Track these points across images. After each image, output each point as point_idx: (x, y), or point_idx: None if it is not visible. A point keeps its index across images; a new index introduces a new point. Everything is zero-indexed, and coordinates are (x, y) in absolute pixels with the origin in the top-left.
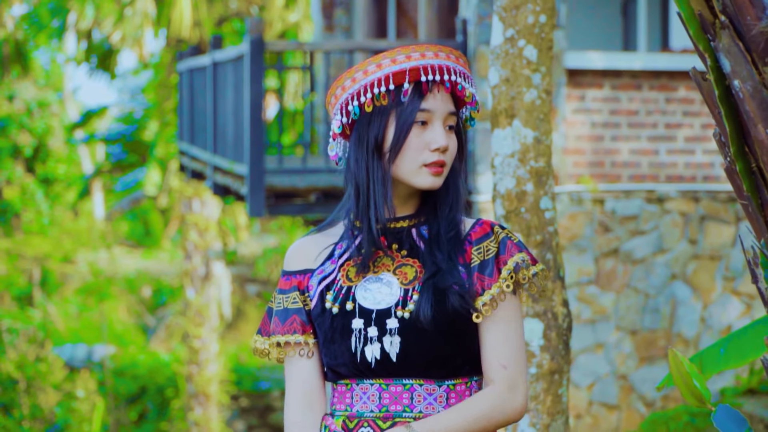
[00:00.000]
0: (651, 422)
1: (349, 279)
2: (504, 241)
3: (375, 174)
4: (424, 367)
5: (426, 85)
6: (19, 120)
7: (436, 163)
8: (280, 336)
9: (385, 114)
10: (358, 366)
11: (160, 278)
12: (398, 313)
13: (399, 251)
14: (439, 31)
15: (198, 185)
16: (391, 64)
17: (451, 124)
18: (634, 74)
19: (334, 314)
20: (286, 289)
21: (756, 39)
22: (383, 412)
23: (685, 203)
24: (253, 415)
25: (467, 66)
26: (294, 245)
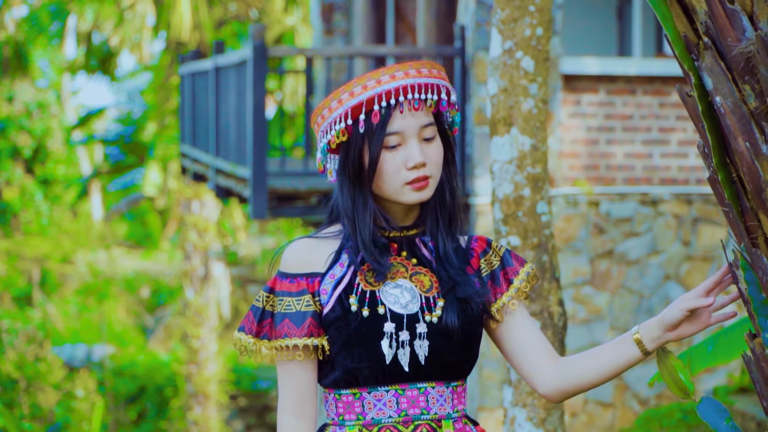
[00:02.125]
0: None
1: (370, 283)
2: (507, 254)
3: (357, 200)
4: (443, 370)
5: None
6: (18, 121)
7: (416, 180)
8: (297, 339)
9: (359, 141)
10: (387, 369)
11: (159, 279)
12: (426, 318)
13: (409, 259)
14: (437, 36)
15: (197, 186)
16: (349, 98)
17: (429, 135)
18: (629, 79)
19: (363, 317)
20: (294, 291)
21: (736, 59)
22: (402, 417)
23: (678, 205)
24: (252, 414)
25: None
26: (294, 248)
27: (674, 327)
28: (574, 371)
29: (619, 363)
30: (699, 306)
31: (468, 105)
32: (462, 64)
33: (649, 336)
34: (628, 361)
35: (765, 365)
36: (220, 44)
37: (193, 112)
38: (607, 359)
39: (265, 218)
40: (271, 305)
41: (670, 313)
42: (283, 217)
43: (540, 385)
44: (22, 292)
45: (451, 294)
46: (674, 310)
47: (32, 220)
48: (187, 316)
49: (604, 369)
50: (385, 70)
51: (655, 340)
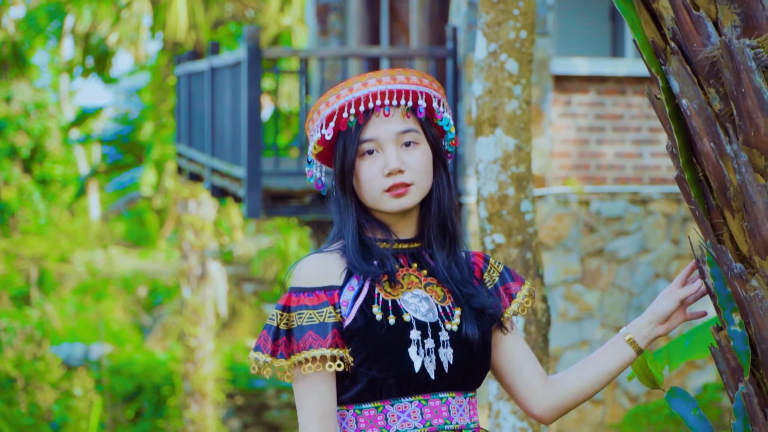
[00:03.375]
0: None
1: (389, 293)
2: (506, 270)
3: (343, 208)
4: (464, 379)
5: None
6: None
7: (394, 187)
8: (324, 350)
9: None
10: (413, 378)
11: (156, 278)
12: (447, 326)
13: (419, 270)
14: (430, 37)
15: (194, 186)
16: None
17: (409, 140)
18: (619, 80)
19: (390, 325)
20: (315, 304)
21: (701, 63)
22: (428, 427)
23: (667, 204)
24: (248, 413)
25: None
26: (307, 263)
27: (666, 319)
28: (567, 387)
29: (614, 367)
30: (689, 294)
31: (460, 105)
32: (454, 64)
33: (640, 334)
34: (623, 364)
35: (730, 357)
36: (215, 45)
37: (189, 112)
38: (601, 366)
39: (260, 217)
40: (285, 323)
41: (662, 307)
42: (278, 216)
43: (534, 406)
44: (20, 292)
45: (467, 305)
46: (666, 302)
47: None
48: (184, 315)
49: (599, 376)
50: (358, 77)
51: (646, 337)
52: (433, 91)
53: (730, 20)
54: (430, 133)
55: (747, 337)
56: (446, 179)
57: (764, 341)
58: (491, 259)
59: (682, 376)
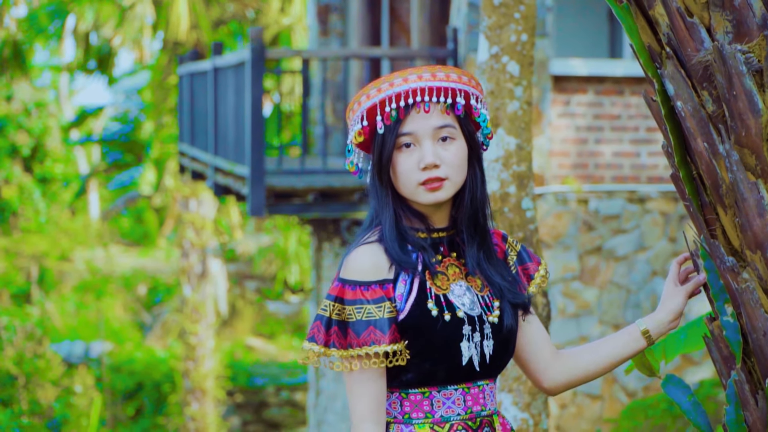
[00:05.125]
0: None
1: (439, 287)
2: (523, 250)
3: (380, 197)
4: (498, 367)
5: (403, 110)
6: (17, 120)
7: (429, 180)
8: (385, 346)
9: (377, 141)
10: (462, 369)
11: (156, 276)
12: (489, 318)
13: (458, 260)
14: (430, 38)
15: (195, 185)
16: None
17: (446, 135)
18: (617, 80)
19: (446, 321)
20: (375, 299)
21: (695, 67)
22: (469, 414)
23: (665, 203)
24: (248, 410)
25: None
26: (360, 256)
27: (679, 315)
28: (576, 365)
29: (624, 353)
30: (695, 287)
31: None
32: (455, 65)
33: (657, 330)
34: (633, 352)
35: (723, 346)
36: (218, 45)
37: (192, 111)
38: (612, 350)
39: (263, 215)
40: (337, 314)
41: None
42: (280, 214)
43: (544, 381)
44: (21, 290)
45: (503, 298)
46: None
47: (30, 218)
48: (184, 312)
49: (609, 359)
50: (400, 73)
51: (661, 332)
52: (471, 88)
53: (723, 26)
54: (466, 128)
55: (739, 327)
56: (480, 174)
57: (755, 331)
58: (509, 238)
59: (679, 372)
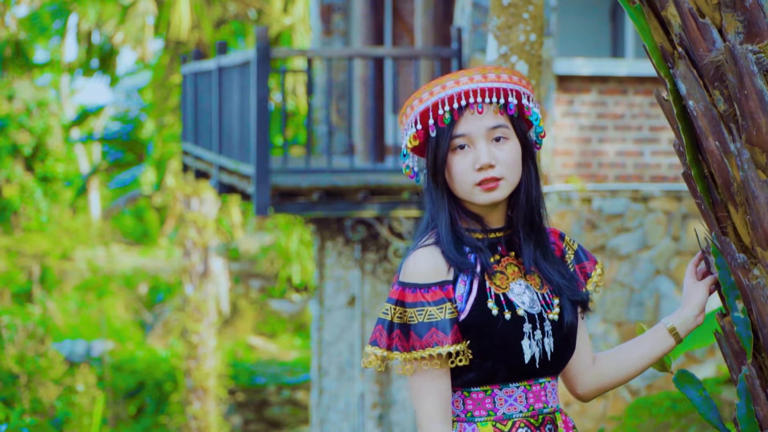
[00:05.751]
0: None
1: (498, 286)
2: (580, 249)
3: (437, 200)
4: (559, 365)
5: (456, 112)
6: (18, 119)
7: (485, 181)
8: (449, 346)
9: (432, 144)
10: (524, 367)
11: (157, 275)
12: (550, 316)
13: (517, 258)
14: (434, 38)
15: (197, 184)
16: (419, 104)
17: (499, 135)
18: (620, 80)
19: (507, 320)
20: (436, 300)
21: (707, 67)
22: (531, 411)
23: (668, 202)
24: (249, 409)
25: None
26: (420, 259)
27: (702, 309)
28: (608, 369)
29: (653, 354)
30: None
31: None
32: (459, 65)
33: (684, 326)
34: (662, 352)
35: (734, 341)
36: (222, 45)
37: (196, 110)
38: (641, 352)
39: (268, 214)
40: (398, 317)
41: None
42: (285, 213)
43: (578, 387)
44: (22, 289)
45: (563, 295)
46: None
47: (32, 218)
48: (186, 311)
49: (638, 361)
50: (451, 76)
51: (688, 329)
52: (522, 87)
53: (734, 27)
54: (519, 128)
55: (749, 322)
56: (534, 172)
57: (766, 326)
58: (566, 237)
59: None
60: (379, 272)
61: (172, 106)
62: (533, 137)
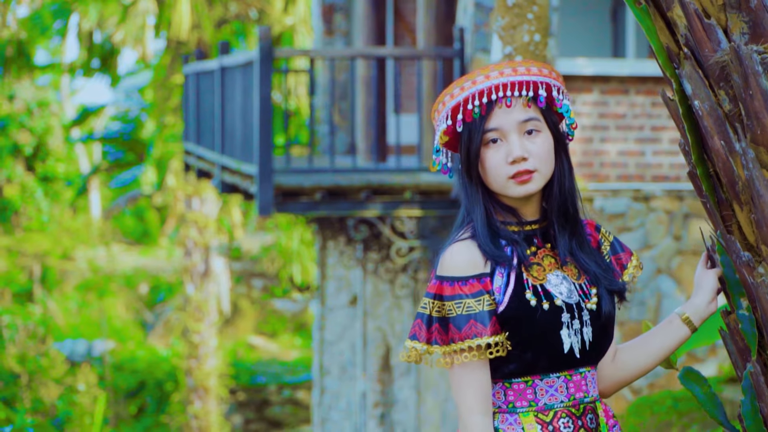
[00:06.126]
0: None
1: (535, 277)
2: (616, 241)
3: (471, 194)
4: (599, 354)
5: (485, 106)
6: (19, 119)
7: (518, 174)
8: (488, 338)
9: (464, 139)
10: (563, 357)
11: (158, 275)
12: (588, 305)
13: (553, 250)
14: (436, 38)
15: (198, 184)
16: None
17: (531, 128)
18: (622, 80)
19: (545, 310)
20: (473, 293)
21: (712, 67)
22: (572, 401)
23: (669, 201)
24: (250, 408)
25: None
26: (456, 253)
27: (714, 296)
28: (628, 363)
29: (669, 344)
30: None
31: None
32: (461, 65)
33: (697, 314)
34: (678, 341)
35: (739, 338)
36: (225, 45)
37: (198, 110)
38: (657, 343)
39: (271, 214)
40: (437, 311)
41: (709, 285)
42: (288, 212)
43: (601, 382)
44: (23, 289)
45: (600, 285)
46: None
47: (33, 217)
48: (187, 311)
49: (655, 353)
50: (481, 70)
51: (702, 317)
52: (552, 80)
53: (739, 28)
54: (550, 120)
55: (754, 320)
56: (567, 164)
57: None
58: (602, 229)
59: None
60: (381, 272)
61: (173, 105)
62: (565, 129)
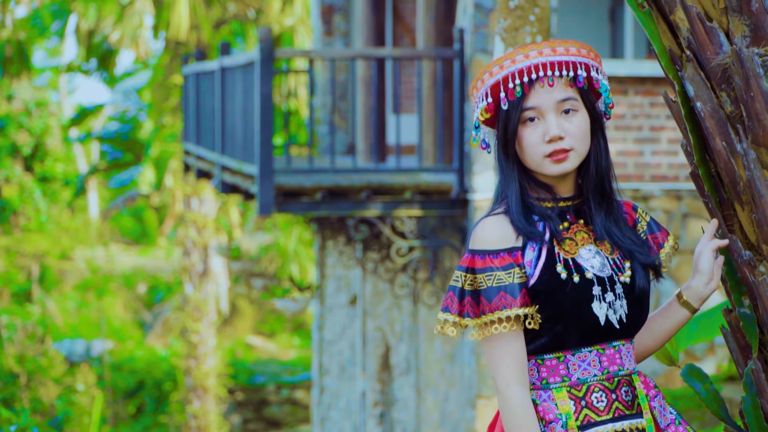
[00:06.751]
0: None
1: (567, 251)
2: (652, 221)
3: (507, 171)
4: (633, 327)
5: (527, 85)
6: (17, 119)
7: (555, 152)
8: (517, 309)
9: (502, 116)
10: (595, 330)
11: (156, 275)
12: (621, 278)
13: (587, 226)
14: (435, 38)
15: (197, 184)
16: (489, 78)
17: (569, 108)
18: (621, 80)
19: (575, 283)
20: (504, 265)
21: (714, 70)
22: (605, 374)
23: (668, 201)
24: (249, 408)
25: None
26: (488, 226)
27: (712, 275)
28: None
29: (670, 326)
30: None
31: (467, 104)
32: (461, 65)
33: (694, 295)
34: (679, 323)
35: (740, 336)
36: (225, 45)
37: (197, 110)
38: (660, 325)
39: (272, 214)
40: (469, 284)
41: (705, 263)
42: (289, 212)
43: None
44: (22, 289)
45: (633, 259)
46: (706, 258)
47: (31, 217)
48: (186, 311)
49: (659, 334)
50: (521, 49)
51: (700, 297)
52: (591, 60)
53: (741, 31)
54: (588, 100)
55: (755, 318)
56: (603, 143)
57: None
58: (639, 208)
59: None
60: (381, 271)
61: (171, 106)
62: (602, 108)
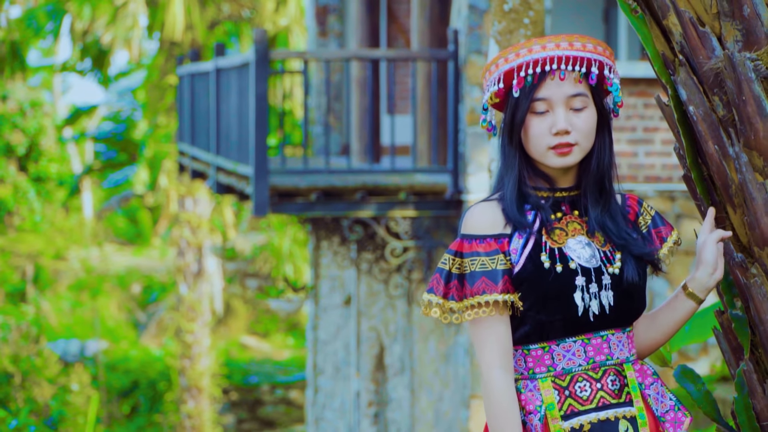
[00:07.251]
0: None
1: (555, 241)
2: (657, 215)
3: (508, 156)
4: (623, 318)
5: (538, 76)
6: (12, 119)
7: (559, 146)
8: (497, 295)
9: (512, 103)
10: (579, 320)
11: (150, 275)
12: (609, 270)
13: (581, 217)
14: (430, 39)
15: (191, 184)
16: (504, 63)
17: (578, 105)
18: None
19: (558, 273)
20: (489, 251)
21: (707, 74)
22: (591, 364)
23: (662, 202)
24: (243, 408)
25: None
26: (478, 212)
27: (716, 266)
28: (641, 336)
29: (677, 318)
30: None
31: (461, 105)
32: (455, 66)
33: (699, 287)
34: (686, 315)
35: (732, 337)
36: (220, 46)
37: (192, 111)
38: (666, 317)
39: (267, 214)
40: (457, 267)
41: (709, 254)
42: (284, 213)
43: None
44: (16, 289)
45: (627, 253)
46: (709, 249)
47: (25, 217)
48: (180, 311)
49: (665, 327)
50: (538, 40)
51: (706, 288)
52: (605, 58)
53: (733, 35)
54: (598, 96)
55: (747, 319)
56: (609, 140)
57: (762, 323)
58: (644, 203)
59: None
60: (375, 271)
61: (166, 106)
62: (610, 106)
